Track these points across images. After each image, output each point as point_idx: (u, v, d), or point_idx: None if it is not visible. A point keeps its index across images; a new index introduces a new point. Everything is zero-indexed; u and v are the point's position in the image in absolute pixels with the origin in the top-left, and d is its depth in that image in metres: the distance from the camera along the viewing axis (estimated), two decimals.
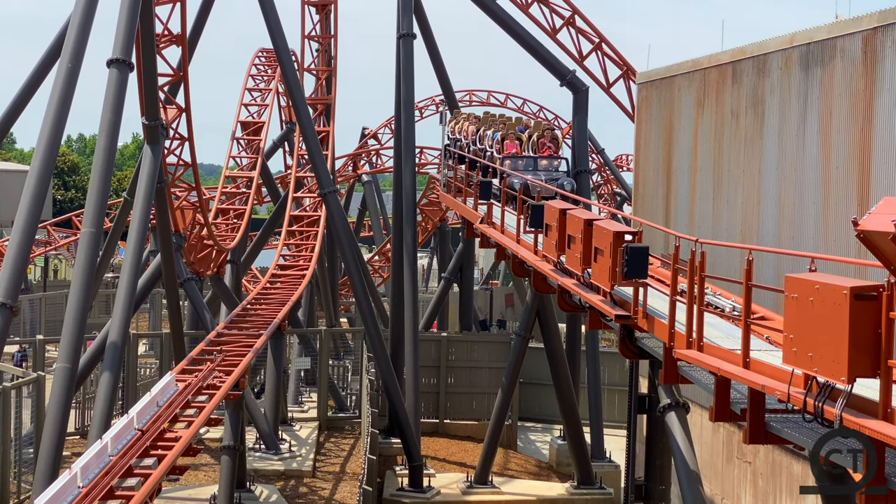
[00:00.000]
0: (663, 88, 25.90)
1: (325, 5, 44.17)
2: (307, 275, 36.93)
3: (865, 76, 17.17)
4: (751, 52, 21.37)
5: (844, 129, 17.74)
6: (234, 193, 42.24)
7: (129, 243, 25.21)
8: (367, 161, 60.31)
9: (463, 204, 29.56)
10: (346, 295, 53.97)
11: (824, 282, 9.60)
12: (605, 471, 32.69)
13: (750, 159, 21.33)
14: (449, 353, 38.66)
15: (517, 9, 41.48)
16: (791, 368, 10.17)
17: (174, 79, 30.67)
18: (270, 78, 45.46)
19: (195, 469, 30.41)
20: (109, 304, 48.88)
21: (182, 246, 32.70)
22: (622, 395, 35.92)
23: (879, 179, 16.69)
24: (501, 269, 66.44)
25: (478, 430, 36.52)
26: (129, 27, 23.71)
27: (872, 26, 17.00)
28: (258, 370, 38.87)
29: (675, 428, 16.08)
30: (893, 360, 8.99)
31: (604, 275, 15.40)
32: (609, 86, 42.62)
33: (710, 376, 12.51)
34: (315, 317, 46.64)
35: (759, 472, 19.93)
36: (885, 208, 8.38)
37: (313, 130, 33.31)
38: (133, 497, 15.66)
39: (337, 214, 33.18)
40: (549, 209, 18.82)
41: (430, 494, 30.55)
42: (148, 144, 27.61)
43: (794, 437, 11.13)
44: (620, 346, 16.26)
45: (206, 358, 24.66)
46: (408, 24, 34.22)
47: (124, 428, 18.05)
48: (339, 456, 34.97)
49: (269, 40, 32.80)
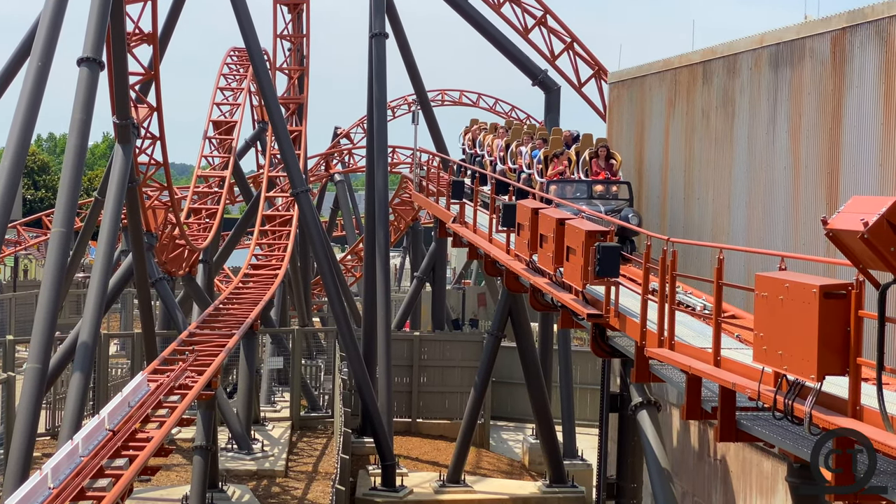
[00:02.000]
0: (635, 88, 25.99)
1: (296, 4, 44.09)
2: (279, 274, 36.87)
3: (834, 76, 17.28)
4: (721, 52, 21.47)
5: (814, 128, 17.85)
6: (207, 193, 42.12)
7: (100, 243, 25.09)
8: (339, 160, 60.21)
9: (435, 203, 29.55)
10: (318, 294, 53.90)
11: (794, 280, 9.66)
12: (577, 469, 32.79)
13: (720, 158, 21.43)
14: (421, 353, 38.70)
15: (489, 8, 41.47)
16: (761, 367, 10.23)
17: (145, 78, 30.55)
18: (242, 77, 45.34)
19: (167, 469, 30.32)
20: (80, 303, 48.60)
21: (154, 245, 32.58)
22: (594, 394, 36.07)
23: (848, 179, 16.81)
24: (474, 268, 66.44)
25: (450, 429, 36.57)
26: (99, 25, 23.58)
27: (841, 27, 17.11)
28: (230, 370, 38.78)
29: (647, 426, 16.16)
30: (862, 359, 9.05)
31: (576, 274, 15.45)
32: (581, 85, 42.63)
33: (682, 375, 12.58)
34: (287, 316, 46.54)
35: (730, 469, 20.03)
36: (854, 207, 8.44)
37: (285, 130, 33.23)
38: (104, 498, 15.60)
39: (309, 214, 33.13)
40: (522, 208, 18.86)
41: (402, 494, 30.55)
42: (119, 143, 27.49)
43: (764, 435, 11.20)
44: (592, 344, 16.33)
45: (178, 358, 24.57)
46: (380, 24, 34.20)
47: (95, 428, 17.97)
48: (311, 455, 34.92)
49: (241, 39, 32.73)
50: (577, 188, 22.36)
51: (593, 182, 22.41)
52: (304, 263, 44.95)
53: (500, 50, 36.32)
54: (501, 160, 26.59)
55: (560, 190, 22.23)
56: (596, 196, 22.13)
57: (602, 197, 22.15)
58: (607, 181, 22.47)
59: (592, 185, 22.34)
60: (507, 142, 26.55)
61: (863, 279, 8.90)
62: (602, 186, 22.35)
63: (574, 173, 22.93)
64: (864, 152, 16.38)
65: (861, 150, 16.46)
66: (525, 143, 25.32)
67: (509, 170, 25.94)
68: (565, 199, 21.23)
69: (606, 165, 22.74)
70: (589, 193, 22.18)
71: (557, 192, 22.03)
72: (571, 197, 21.88)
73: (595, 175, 22.65)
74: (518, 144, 25.67)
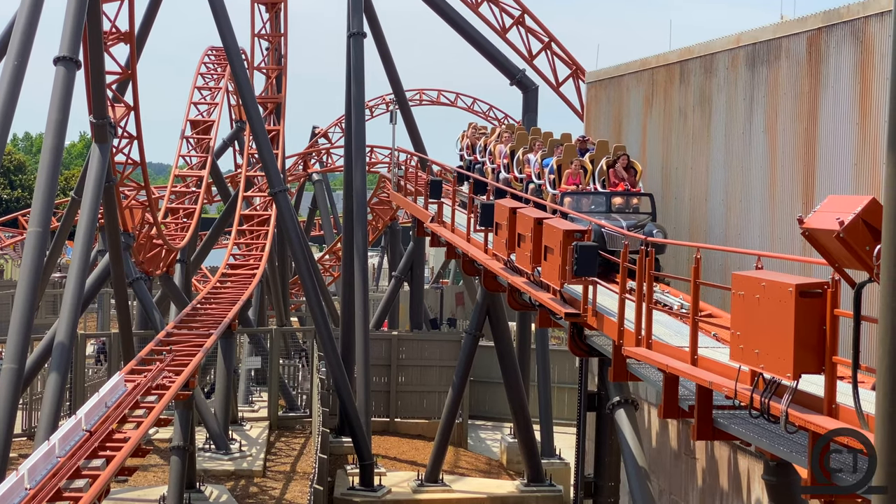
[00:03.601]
0: (612, 87, 26.05)
1: (274, 4, 43.98)
2: (257, 274, 36.80)
3: (810, 76, 17.36)
4: (698, 51, 21.54)
5: (790, 128, 17.93)
6: (184, 192, 42.02)
7: (77, 243, 25.00)
8: (317, 160, 60.13)
9: (413, 203, 29.54)
10: (296, 294, 53.82)
11: (770, 279, 9.70)
12: (555, 468, 32.85)
13: (697, 157, 21.50)
14: (399, 352, 38.69)
15: (467, 8, 41.52)
16: (738, 365, 10.27)
17: (122, 77, 30.44)
18: (220, 76, 45.23)
19: (144, 470, 30.22)
20: (57, 304, 48.37)
21: (131, 245, 32.48)
22: (572, 393, 36.11)
23: (824, 178, 16.89)
24: (452, 267, 66.49)
25: (428, 428, 36.58)
26: (76, 24, 23.50)
27: (817, 27, 17.20)
28: (208, 370, 38.69)
29: (625, 425, 16.20)
30: (838, 357, 9.10)
31: (554, 273, 15.49)
32: (558, 85, 42.73)
33: (659, 373, 12.62)
34: (265, 316, 46.47)
35: (707, 467, 20.10)
36: (830, 206, 8.48)
37: (263, 129, 33.19)
38: (81, 498, 15.54)
39: (287, 213, 33.09)
40: (500, 208, 18.88)
41: (380, 493, 30.54)
42: (96, 143, 27.38)
43: (740, 434, 11.24)
44: (570, 343, 16.36)
45: (156, 358, 24.49)
46: (358, 23, 34.17)
47: (72, 429, 17.90)
48: (289, 455, 34.87)
49: (219, 38, 32.66)
50: (594, 201, 20.28)
51: (612, 194, 20.42)
52: (282, 263, 44.88)
53: (478, 49, 36.36)
54: (506, 168, 24.59)
55: (575, 203, 20.14)
56: (615, 209, 20.12)
57: (622, 210, 20.14)
58: (627, 193, 20.49)
59: (611, 198, 20.35)
60: (513, 148, 24.48)
61: (838, 278, 8.94)
62: (622, 199, 20.36)
63: (590, 184, 20.95)
64: (840, 152, 16.46)
65: (837, 149, 16.55)
66: (535, 151, 23.08)
67: (515, 179, 23.90)
68: (581, 213, 19.17)
69: (626, 175, 20.82)
70: (607, 207, 20.16)
71: (572, 205, 19.96)
72: (588, 210, 19.78)
73: (613, 186, 20.72)
74: (525, 151, 23.49)
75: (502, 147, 25.07)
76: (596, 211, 19.90)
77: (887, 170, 4.85)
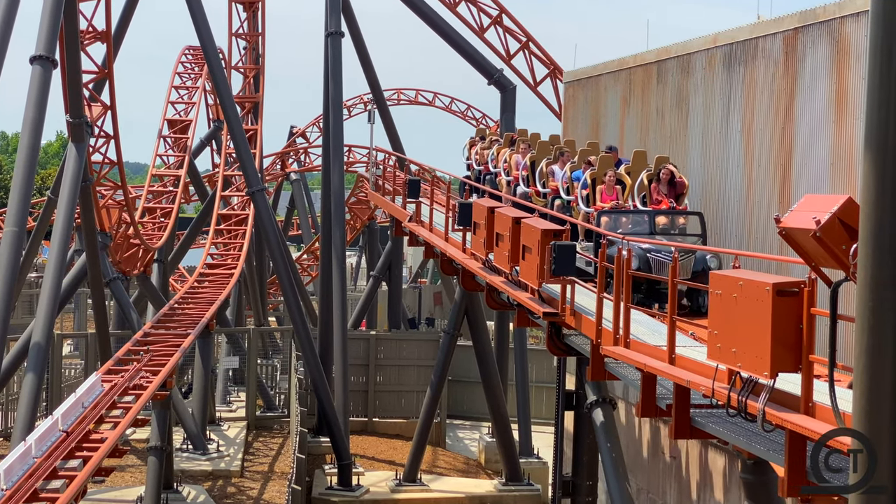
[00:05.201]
0: (590, 87, 26.09)
1: (252, 3, 43.90)
2: (235, 273, 36.72)
3: (786, 76, 17.44)
4: (675, 51, 21.60)
5: (766, 127, 18.00)
6: (161, 192, 41.92)
7: (54, 242, 24.90)
8: (295, 159, 60.04)
9: (391, 202, 29.53)
10: (274, 294, 53.72)
11: (747, 278, 9.74)
12: (533, 467, 32.89)
13: (675, 157, 21.54)
14: (378, 352, 38.67)
15: (445, 7, 41.54)
16: (715, 364, 10.31)
17: (99, 76, 30.35)
18: (198, 76, 45.13)
19: (121, 470, 30.10)
20: (33, 304, 48.16)
21: (108, 245, 32.38)
22: (550, 392, 36.15)
23: (801, 177, 16.96)
24: (430, 267, 66.47)
25: (406, 428, 36.57)
26: (52, 23, 23.41)
27: (793, 27, 17.27)
28: (186, 370, 38.57)
29: (602, 424, 16.22)
30: (815, 356, 9.14)
31: (532, 272, 15.49)
32: (536, 84, 42.78)
33: (637, 373, 12.64)
34: (243, 316, 46.38)
35: (685, 466, 20.16)
36: (807, 206, 8.51)
37: (241, 128, 33.12)
38: (58, 499, 15.48)
39: (265, 213, 33.04)
40: (478, 207, 18.88)
41: (359, 493, 30.52)
42: (72, 142, 27.29)
43: (718, 432, 11.27)
44: (548, 343, 16.36)
45: (133, 358, 24.42)
46: (336, 23, 34.14)
47: (49, 429, 17.82)
48: (267, 455, 34.81)
49: (197, 38, 32.58)
50: (634, 220, 17.82)
51: (656, 213, 17.94)
52: (260, 262, 44.81)
53: (455, 49, 36.37)
54: (525, 181, 22.11)
55: (613, 223, 17.78)
56: (659, 230, 17.74)
57: (666, 231, 17.80)
58: (673, 211, 18.05)
59: (655, 217, 17.85)
60: (533, 159, 22.10)
61: (815, 277, 8.98)
62: (666, 218, 17.89)
63: (628, 201, 18.51)
64: (816, 151, 16.54)
65: (813, 148, 16.62)
66: (561, 162, 20.97)
67: (536, 194, 21.49)
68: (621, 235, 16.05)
69: (670, 191, 18.37)
70: (651, 228, 17.64)
71: (609, 226, 17.64)
72: (628, 232, 17.18)
73: (656, 203, 18.29)
74: (549, 162, 21.28)
75: (518, 157, 22.70)
76: (637, 232, 17.35)
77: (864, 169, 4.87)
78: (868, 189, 4.82)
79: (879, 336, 4.93)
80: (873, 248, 4.89)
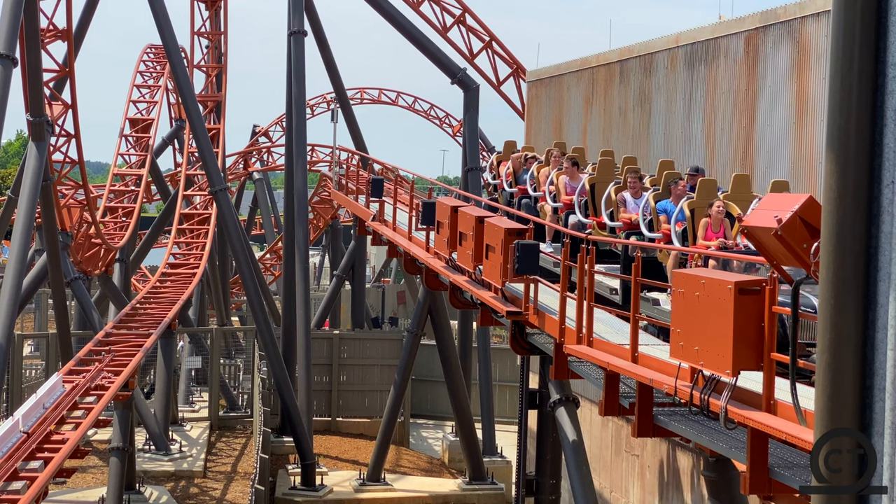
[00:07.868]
0: (553, 86, 26.16)
1: (214, 2, 43.72)
2: (198, 273, 36.58)
3: (748, 75, 17.55)
4: (637, 51, 21.70)
5: (728, 126, 18.10)
6: (123, 191, 41.69)
7: (14, 242, 24.72)
8: (258, 159, 59.87)
9: (355, 202, 29.49)
10: (237, 293, 53.54)
11: (710, 277, 9.79)
12: (497, 466, 32.92)
13: (637, 155, 21.64)
14: (341, 351, 38.62)
15: (408, 7, 41.54)
16: (678, 362, 10.35)
17: (60, 75, 30.16)
18: (159, 74, 44.91)
19: (83, 471, 29.92)
20: None
21: (69, 245, 32.18)
22: (513, 391, 36.25)
23: (762, 176, 17.06)
24: (393, 266, 66.47)
25: (370, 427, 36.54)
26: (12, 21, 23.25)
27: (754, 27, 17.39)
28: (148, 370, 38.39)
29: (566, 423, 16.26)
30: (776, 354, 9.19)
31: (495, 271, 15.50)
32: (499, 84, 42.90)
33: (600, 371, 12.67)
34: (206, 315, 46.17)
35: (647, 464, 20.25)
36: (768, 204, 8.57)
37: (203, 128, 32.97)
38: (19, 501, 15.37)
39: (228, 212, 32.91)
40: (441, 206, 18.88)
41: (322, 493, 30.46)
42: (33, 141, 27.10)
43: (680, 430, 11.32)
44: (511, 342, 16.38)
45: (95, 358, 24.28)
46: (298, 22, 34.04)
47: (9, 430, 17.70)
48: (230, 455, 34.68)
49: (158, 36, 32.42)
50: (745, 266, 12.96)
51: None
52: (223, 262, 44.62)
53: (419, 48, 36.33)
54: (583, 209, 18.29)
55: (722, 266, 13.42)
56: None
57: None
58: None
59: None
60: (593, 181, 18.19)
61: (776, 275, 9.04)
62: None
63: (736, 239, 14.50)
64: (777, 149, 16.64)
65: (774, 147, 16.72)
66: (635, 192, 16.79)
67: (600, 226, 17.58)
68: None
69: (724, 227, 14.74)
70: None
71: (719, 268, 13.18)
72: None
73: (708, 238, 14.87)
74: (618, 188, 17.24)
75: (566, 178, 19.00)
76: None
77: (826, 167, 4.92)
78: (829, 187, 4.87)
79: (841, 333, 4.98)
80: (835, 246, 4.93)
